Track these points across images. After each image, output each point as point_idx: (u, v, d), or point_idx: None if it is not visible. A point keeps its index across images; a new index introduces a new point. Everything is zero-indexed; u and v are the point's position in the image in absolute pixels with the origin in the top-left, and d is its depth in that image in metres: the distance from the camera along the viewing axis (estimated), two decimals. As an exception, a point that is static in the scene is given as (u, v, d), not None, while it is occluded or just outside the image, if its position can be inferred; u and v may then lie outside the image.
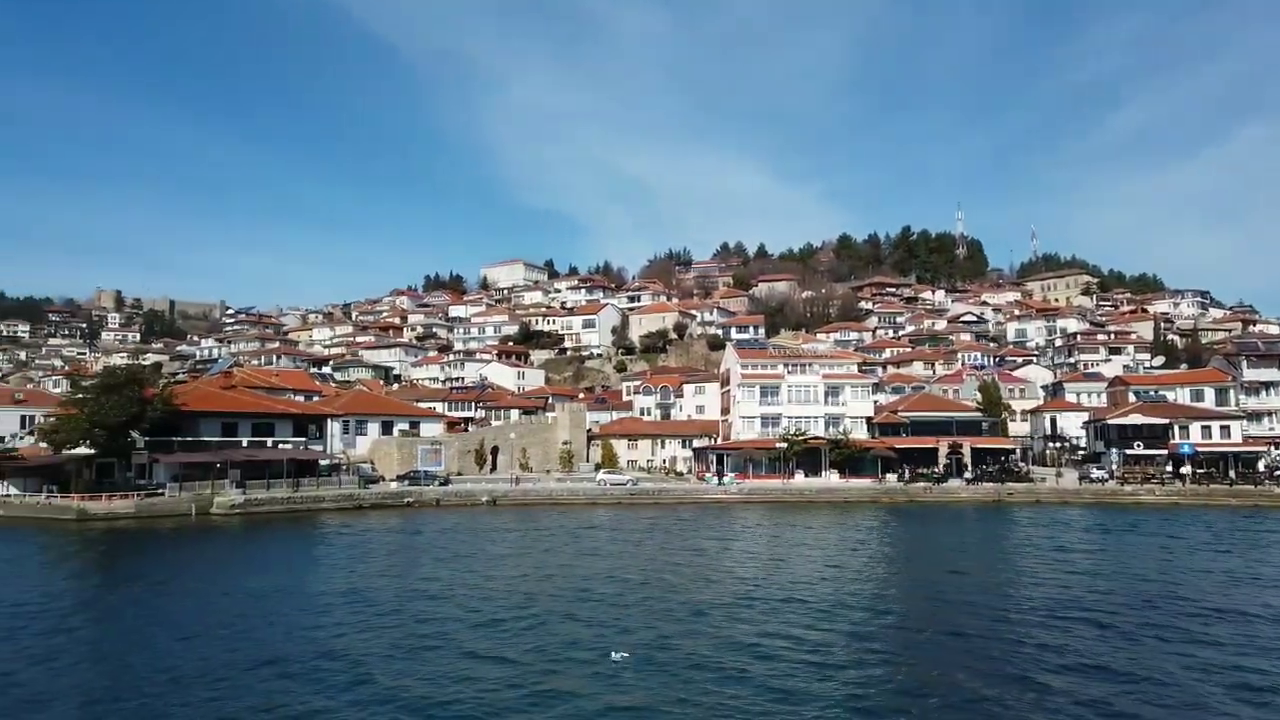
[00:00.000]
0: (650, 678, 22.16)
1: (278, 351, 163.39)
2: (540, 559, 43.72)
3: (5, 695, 20.76)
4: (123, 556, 48.09)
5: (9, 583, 37.58)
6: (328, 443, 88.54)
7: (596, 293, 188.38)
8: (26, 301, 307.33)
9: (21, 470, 78.03)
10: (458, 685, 21.64)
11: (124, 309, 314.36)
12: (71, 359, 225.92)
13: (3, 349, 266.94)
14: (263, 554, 48.30)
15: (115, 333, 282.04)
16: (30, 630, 27.95)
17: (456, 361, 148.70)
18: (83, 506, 65.47)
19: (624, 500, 79.13)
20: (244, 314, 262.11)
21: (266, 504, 70.32)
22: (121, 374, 76.77)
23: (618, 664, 23.11)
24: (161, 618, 29.80)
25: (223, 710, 19.72)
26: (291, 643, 25.88)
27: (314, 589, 35.44)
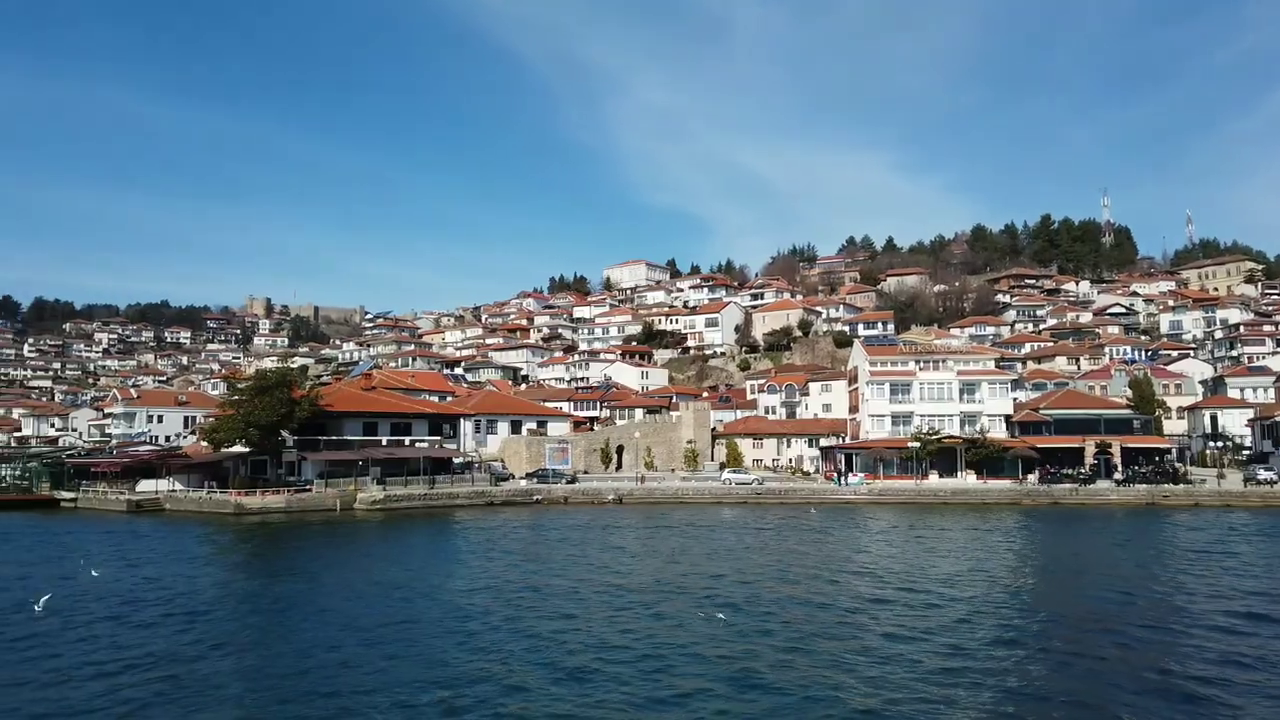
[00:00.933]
0: (789, 679, 21.63)
1: (413, 354, 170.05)
2: (669, 557, 43.61)
3: (185, 676, 22.13)
4: (277, 548, 50.88)
5: (181, 572, 40.29)
6: (461, 441, 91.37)
7: (719, 291, 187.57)
8: (188, 310, 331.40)
9: (186, 467, 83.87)
10: (596, 685, 21.69)
11: (273, 315, 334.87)
12: (227, 363, 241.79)
13: (167, 355, 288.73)
14: (405, 548, 50.13)
15: (266, 338, 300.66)
16: (202, 616, 29.79)
17: (581, 362, 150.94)
18: (240, 501, 69.64)
19: (750, 499, 78.31)
20: (381, 318, 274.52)
21: (405, 500, 73.10)
22: (272, 377, 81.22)
23: (737, 650, 22.69)
24: (318, 606, 31.21)
25: (379, 693, 20.41)
26: (438, 632, 26.61)
27: (455, 582, 36.44)
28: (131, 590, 35.08)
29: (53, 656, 24.25)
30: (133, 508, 74.74)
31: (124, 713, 19.40)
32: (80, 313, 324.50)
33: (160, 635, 26.93)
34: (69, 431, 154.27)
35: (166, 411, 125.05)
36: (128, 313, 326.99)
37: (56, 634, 27.20)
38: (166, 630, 27.57)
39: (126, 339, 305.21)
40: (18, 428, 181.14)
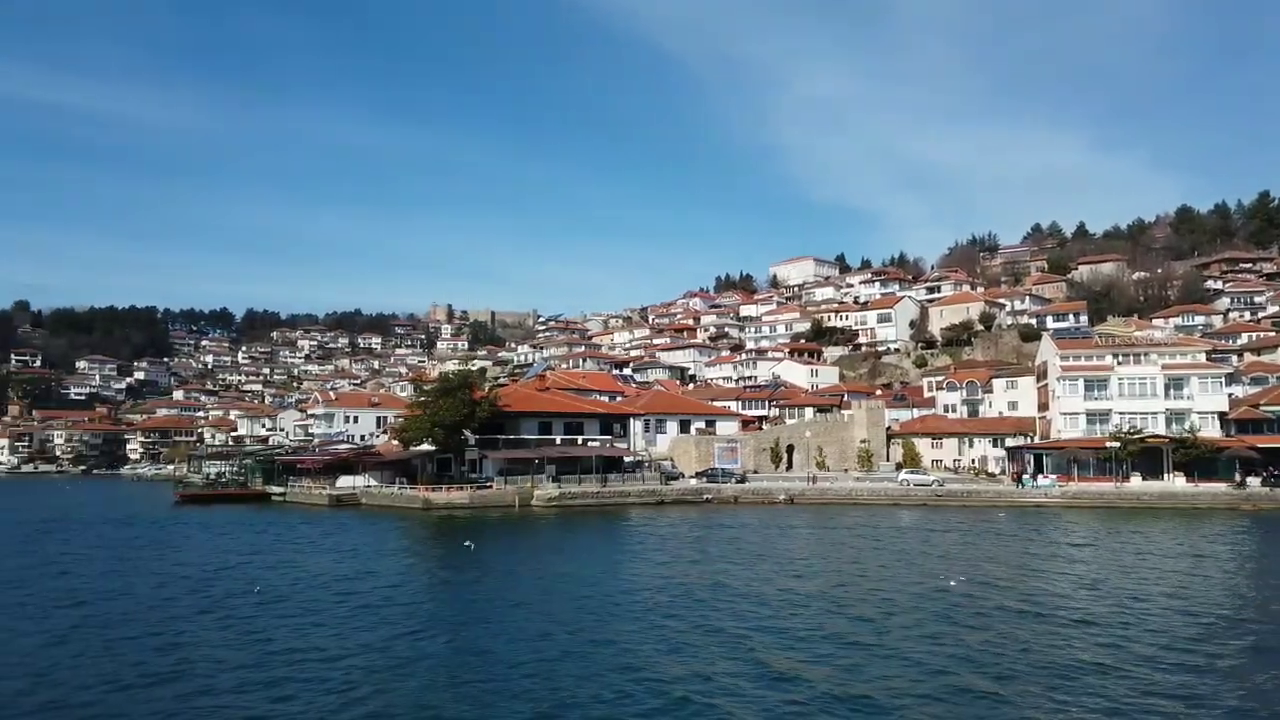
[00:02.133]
0: (991, 692, 20.23)
1: (583, 355, 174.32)
2: (847, 560, 42.18)
3: (379, 662, 23.33)
4: (463, 542, 53.12)
5: (382, 563, 42.78)
6: (631, 440, 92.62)
7: (891, 285, 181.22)
8: (378, 318, 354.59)
9: (379, 464, 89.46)
10: (799, 687, 21.12)
11: (454, 321, 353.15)
12: (414, 366, 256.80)
13: (360, 359, 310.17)
14: (583, 544, 51.16)
15: (447, 342, 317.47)
16: (396, 606, 31.40)
17: (748, 360, 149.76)
18: (427, 497, 73.51)
19: (929, 501, 74.96)
20: (553, 321, 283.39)
21: (579, 498, 74.82)
22: (454, 379, 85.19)
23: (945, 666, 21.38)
24: (506, 597, 32.22)
25: (565, 687, 20.73)
26: (617, 627, 26.80)
27: (639, 578, 36.73)
28: (341, 578, 37.45)
29: (267, 640, 26.10)
30: (333, 502, 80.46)
31: (346, 693, 20.53)
32: (285, 322, 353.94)
33: (368, 621, 28.45)
34: (277, 431, 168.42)
35: (361, 412, 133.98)
36: (325, 321, 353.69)
37: (276, 616, 29.33)
38: (372, 617, 29.12)
39: (325, 345, 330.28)
40: (234, 428, 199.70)
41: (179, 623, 28.42)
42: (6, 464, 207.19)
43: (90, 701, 20.06)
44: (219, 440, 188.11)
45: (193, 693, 20.67)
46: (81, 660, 23.72)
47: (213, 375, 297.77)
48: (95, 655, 24.20)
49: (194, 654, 24.23)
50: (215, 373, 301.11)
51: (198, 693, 20.67)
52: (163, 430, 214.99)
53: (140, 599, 32.96)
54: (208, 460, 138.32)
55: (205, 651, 24.51)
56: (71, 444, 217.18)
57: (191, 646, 25.12)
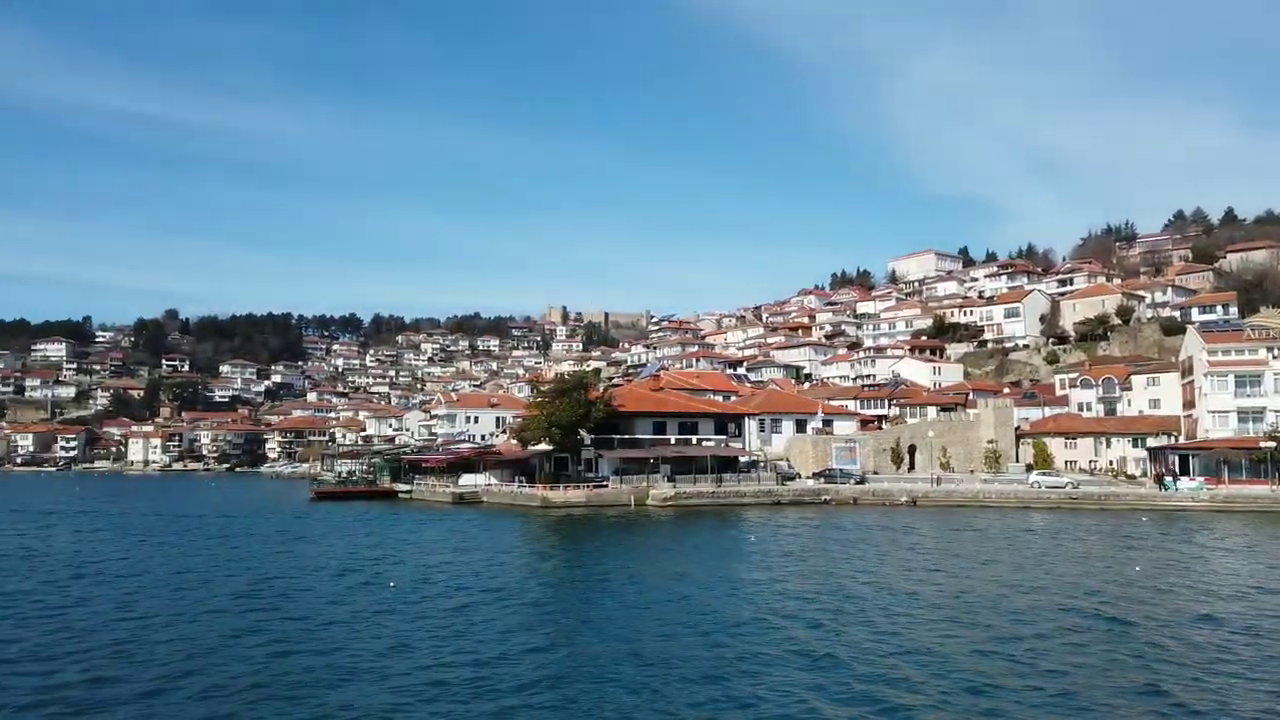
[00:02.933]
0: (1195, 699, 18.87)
1: (696, 355, 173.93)
2: (978, 563, 40.40)
3: (495, 654, 23.70)
4: (584, 540, 53.73)
5: (499, 560, 43.66)
6: (746, 440, 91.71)
7: (1019, 279, 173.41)
8: (496, 321, 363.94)
9: (499, 463, 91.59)
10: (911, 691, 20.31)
11: (568, 322, 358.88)
12: (530, 368, 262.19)
13: (479, 361, 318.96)
14: (702, 544, 50.82)
15: (562, 343, 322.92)
16: (517, 600, 31.92)
17: (866, 359, 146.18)
18: (546, 495, 74.69)
19: (1063, 504, 71.22)
20: (666, 321, 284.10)
21: (694, 498, 74.55)
22: (570, 380, 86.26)
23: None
24: (622, 594, 32.32)
25: (677, 686, 20.55)
26: (738, 628, 26.42)
27: (749, 578, 36.24)
28: (469, 573, 38.36)
29: (404, 628, 26.89)
30: (456, 500, 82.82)
31: (484, 683, 20.93)
32: (409, 326, 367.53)
33: (499, 614, 28.97)
34: (403, 431, 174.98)
35: (481, 413, 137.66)
36: (447, 325, 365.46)
37: (408, 607, 30.24)
38: (501, 609, 29.66)
39: (446, 348, 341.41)
40: (363, 428, 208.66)
41: (324, 618, 29.58)
42: (159, 462, 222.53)
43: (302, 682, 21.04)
44: (349, 440, 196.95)
45: (344, 680, 21.41)
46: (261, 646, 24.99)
47: (343, 378, 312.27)
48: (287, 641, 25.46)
49: (337, 644, 25.16)
50: (345, 375, 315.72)
51: (347, 679, 21.40)
52: (298, 430, 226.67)
53: (296, 591, 34.53)
54: (339, 459, 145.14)
55: (342, 642, 25.42)
56: (216, 443, 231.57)
57: (334, 638, 26.11)
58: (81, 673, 22.12)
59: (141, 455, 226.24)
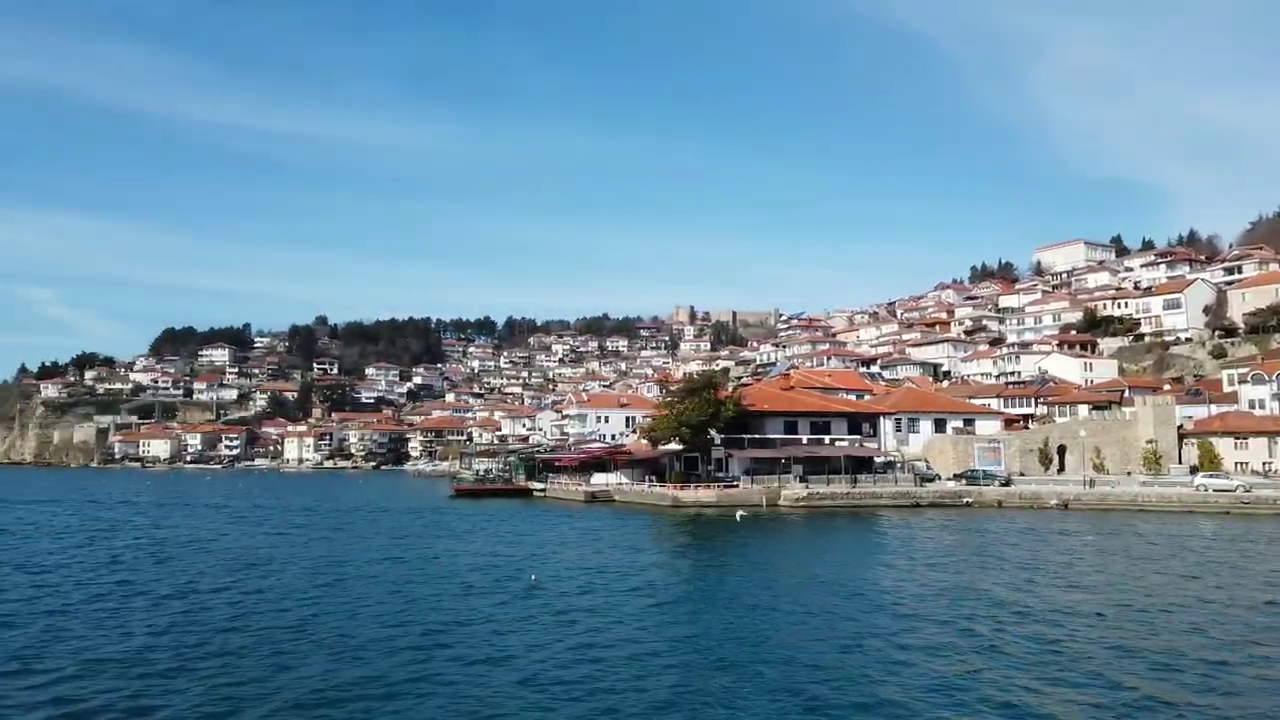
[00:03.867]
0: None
1: (827, 353, 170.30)
2: (1145, 574, 37.51)
3: (618, 651, 23.57)
4: (715, 539, 53.28)
5: (635, 558, 43.73)
6: (881, 440, 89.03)
7: (1180, 267, 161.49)
8: (624, 321, 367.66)
9: (629, 462, 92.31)
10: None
11: (696, 322, 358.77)
12: (659, 368, 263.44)
13: (608, 361, 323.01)
14: (839, 546, 49.51)
15: (690, 343, 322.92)
16: (654, 597, 31.77)
17: (1010, 355, 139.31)
18: (676, 495, 74.71)
19: (1233, 510, 65.61)
20: (795, 319, 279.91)
21: (827, 498, 72.87)
22: (699, 380, 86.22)
23: None
24: (760, 595, 31.67)
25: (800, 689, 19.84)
26: (874, 635, 25.40)
27: (888, 582, 34.91)
28: (605, 569, 38.60)
29: (545, 622, 27.18)
30: (588, 498, 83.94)
31: (612, 684, 20.89)
32: (540, 328, 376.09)
33: (637, 611, 28.91)
34: (536, 430, 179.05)
35: (611, 412, 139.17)
36: (576, 326, 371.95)
37: (549, 602, 30.60)
38: (638, 606, 29.59)
39: (576, 349, 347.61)
40: (499, 427, 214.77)
41: (471, 610, 30.28)
42: (311, 460, 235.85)
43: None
44: (485, 439, 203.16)
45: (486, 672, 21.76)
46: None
47: (479, 379, 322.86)
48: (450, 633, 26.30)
49: (482, 637, 25.65)
50: (481, 376, 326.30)
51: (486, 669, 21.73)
52: (438, 430, 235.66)
53: (445, 582, 35.62)
54: (476, 458, 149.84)
55: (484, 637, 25.88)
56: (363, 442, 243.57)
57: (473, 631, 26.64)
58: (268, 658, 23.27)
59: (296, 454, 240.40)
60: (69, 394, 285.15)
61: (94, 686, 20.52)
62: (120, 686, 20.55)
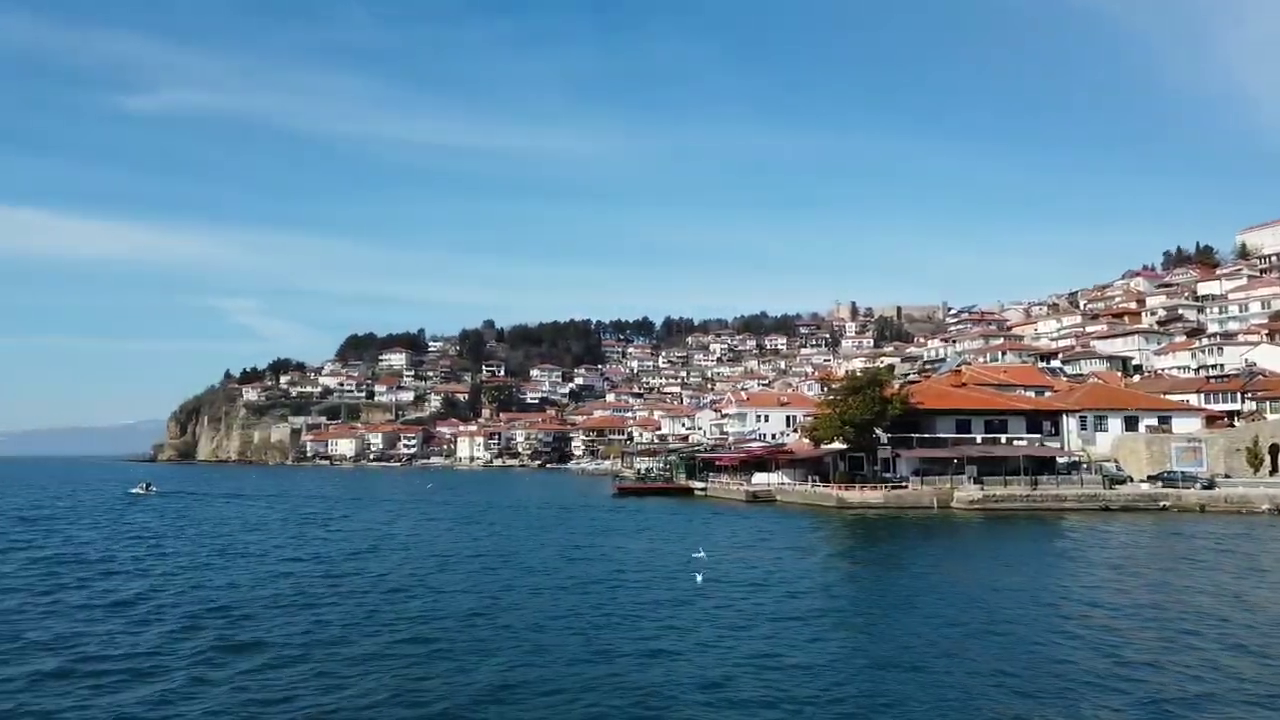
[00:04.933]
0: None
1: (1002, 348, 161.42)
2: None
3: (796, 657, 22.82)
4: (883, 541, 51.38)
5: (800, 559, 42.77)
6: (1064, 440, 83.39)
7: None
8: (782, 319, 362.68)
9: (790, 461, 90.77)
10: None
11: (857, 318, 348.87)
12: (819, 366, 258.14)
13: (767, 360, 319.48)
14: (1012, 551, 46.46)
15: (852, 340, 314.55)
16: (823, 599, 30.83)
17: (1211, 346, 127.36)
18: (841, 495, 72.74)
19: None
20: (965, 313, 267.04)
21: (1005, 501, 68.93)
22: (862, 377, 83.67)
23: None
24: (936, 602, 30.12)
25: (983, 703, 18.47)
26: (1073, 649, 23.49)
27: (1080, 590, 32.37)
28: (771, 569, 37.92)
29: (712, 621, 26.86)
30: (750, 497, 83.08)
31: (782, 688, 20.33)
32: (698, 327, 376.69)
33: (806, 614, 28.16)
34: (695, 430, 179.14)
35: (770, 411, 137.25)
36: (734, 325, 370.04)
37: (716, 601, 30.31)
38: (806, 609, 28.80)
39: (734, 348, 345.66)
40: (658, 427, 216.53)
41: (641, 603, 30.40)
42: (481, 458, 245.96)
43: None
44: (645, 438, 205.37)
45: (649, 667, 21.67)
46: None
47: (638, 379, 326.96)
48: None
49: (649, 633, 25.63)
50: (640, 376, 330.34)
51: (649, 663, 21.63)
52: (599, 430, 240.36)
53: (619, 576, 36.09)
54: (637, 457, 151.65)
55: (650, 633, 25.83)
56: (529, 441, 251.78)
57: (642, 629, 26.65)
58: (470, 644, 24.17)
59: (468, 452, 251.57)
60: (267, 397, 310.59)
61: (287, 670, 21.85)
62: (308, 672, 21.75)
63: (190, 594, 32.80)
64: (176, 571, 38.74)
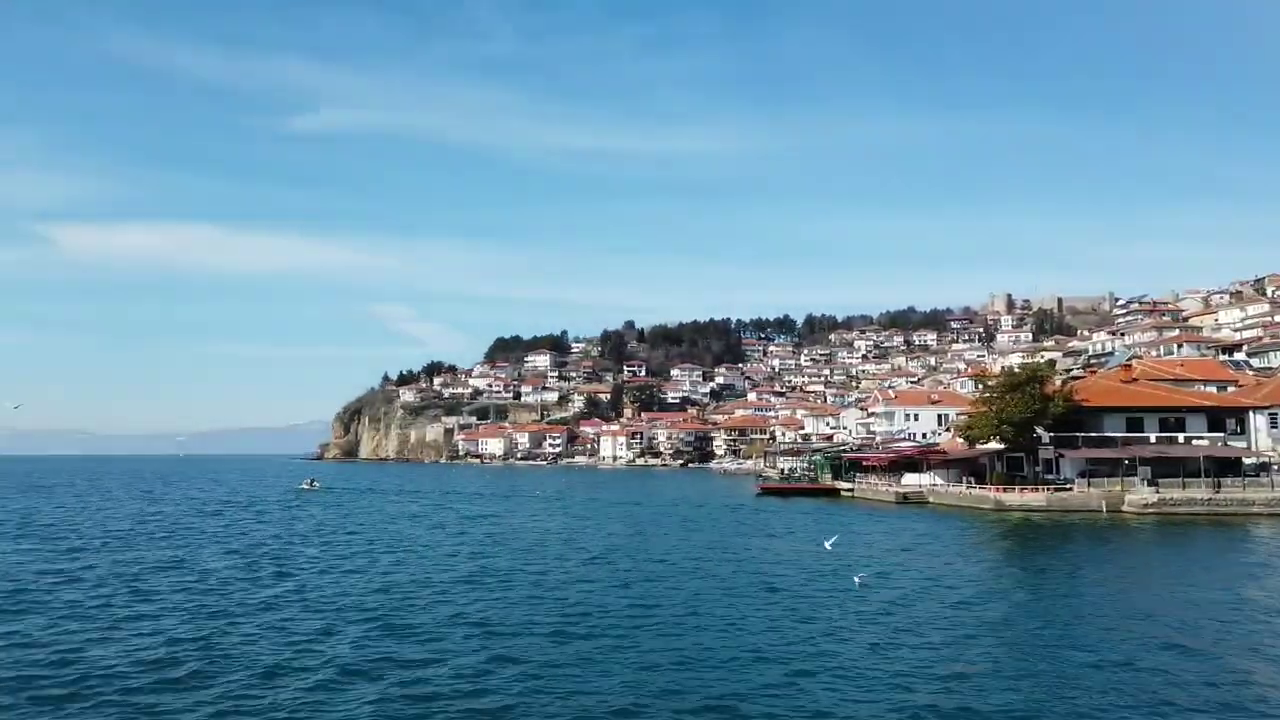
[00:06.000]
0: None
1: (1176, 340, 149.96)
2: None
3: (974, 666, 21.75)
4: (1049, 547, 48.56)
5: (960, 565, 40.95)
6: (1251, 439, 76.64)
7: None
8: (932, 314, 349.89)
9: (943, 462, 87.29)
10: None
11: (1014, 311, 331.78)
12: (972, 361, 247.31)
13: (916, 357, 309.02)
14: (1197, 561, 42.74)
15: (1008, 334, 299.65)
16: (979, 610, 29.34)
17: None
18: (998, 498, 69.40)
19: None
20: (1135, 303, 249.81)
21: (1182, 505, 63.93)
22: (1021, 373, 79.66)
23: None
24: (1110, 616, 28.10)
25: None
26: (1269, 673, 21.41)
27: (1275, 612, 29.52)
28: (931, 574, 36.53)
29: (872, 626, 26.07)
30: (900, 499, 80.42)
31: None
32: (842, 324, 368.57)
33: (976, 629, 26.90)
34: (840, 429, 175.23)
35: (920, 410, 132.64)
36: (879, 321, 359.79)
37: (881, 610, 29.29)
38: (969, 618, 27.52)
39: (880, 344, 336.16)
40: (801, 426, 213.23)
41: (797, 605, 29.91)
42: (624, 458, 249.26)
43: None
44: (788, 438, 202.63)
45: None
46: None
47: (779, 378, 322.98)
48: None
49: (806, 636, 25.14)
50: (781, 375, 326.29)
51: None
52: (740, 429, 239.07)
53: (776, 577, 35.77)
54: (780, 456, 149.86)
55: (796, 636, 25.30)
56: (671, 441, 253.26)
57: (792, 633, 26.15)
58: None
59: (610, 451, 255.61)
60: (421, 398, 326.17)
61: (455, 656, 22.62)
62: (474, 665, 22.44)
63: (362, 590, 34.54)
64: (357, 569, 40.92)
